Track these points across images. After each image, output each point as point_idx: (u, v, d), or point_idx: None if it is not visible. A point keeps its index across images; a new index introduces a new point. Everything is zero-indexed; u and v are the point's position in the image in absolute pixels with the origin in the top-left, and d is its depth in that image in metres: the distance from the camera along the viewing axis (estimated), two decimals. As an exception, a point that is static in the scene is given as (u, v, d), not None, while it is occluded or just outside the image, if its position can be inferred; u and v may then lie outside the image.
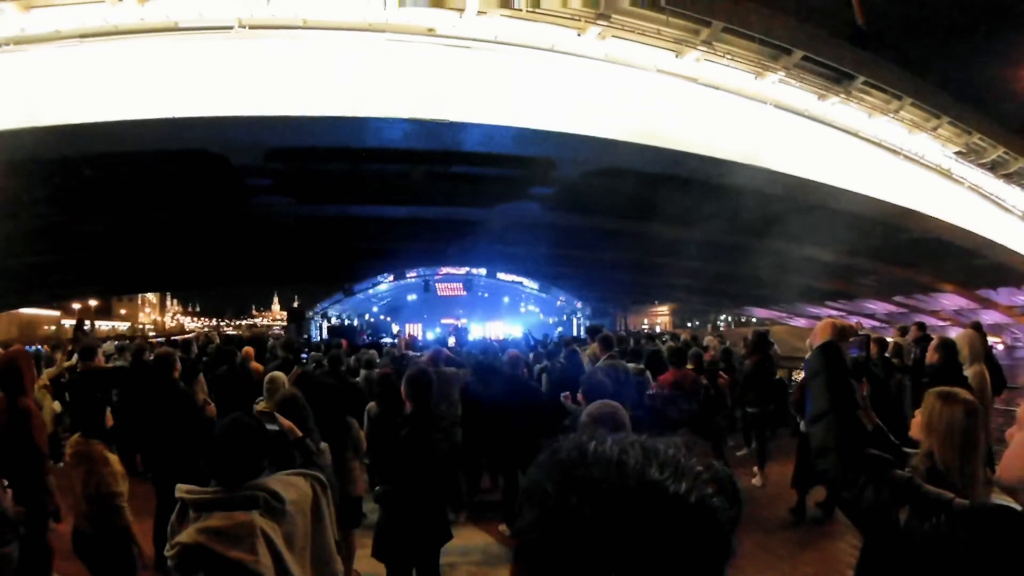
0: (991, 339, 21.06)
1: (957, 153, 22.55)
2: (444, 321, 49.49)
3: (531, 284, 57.75)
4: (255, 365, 8.96)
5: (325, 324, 42.33)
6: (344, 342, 13.21)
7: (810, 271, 27.42)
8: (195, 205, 19.65)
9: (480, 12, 13.34)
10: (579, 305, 56.25)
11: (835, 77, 17.69)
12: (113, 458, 4.38)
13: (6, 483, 3.79)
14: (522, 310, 61.73)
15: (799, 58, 16.22)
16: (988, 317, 31.63)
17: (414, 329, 47.02)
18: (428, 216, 22.51)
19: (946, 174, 22.48)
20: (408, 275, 52.74)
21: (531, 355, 11.46)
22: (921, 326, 10.04)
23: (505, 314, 57.91)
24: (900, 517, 1.96)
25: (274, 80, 13.29)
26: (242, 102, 13.22)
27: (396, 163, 18.09)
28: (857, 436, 2.18)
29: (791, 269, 27.04)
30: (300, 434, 3.74)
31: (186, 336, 19.17)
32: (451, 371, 8.14)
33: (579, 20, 14.15)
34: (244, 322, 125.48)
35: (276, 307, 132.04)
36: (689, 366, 7.59)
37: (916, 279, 30.89)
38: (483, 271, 53.57)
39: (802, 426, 7.06)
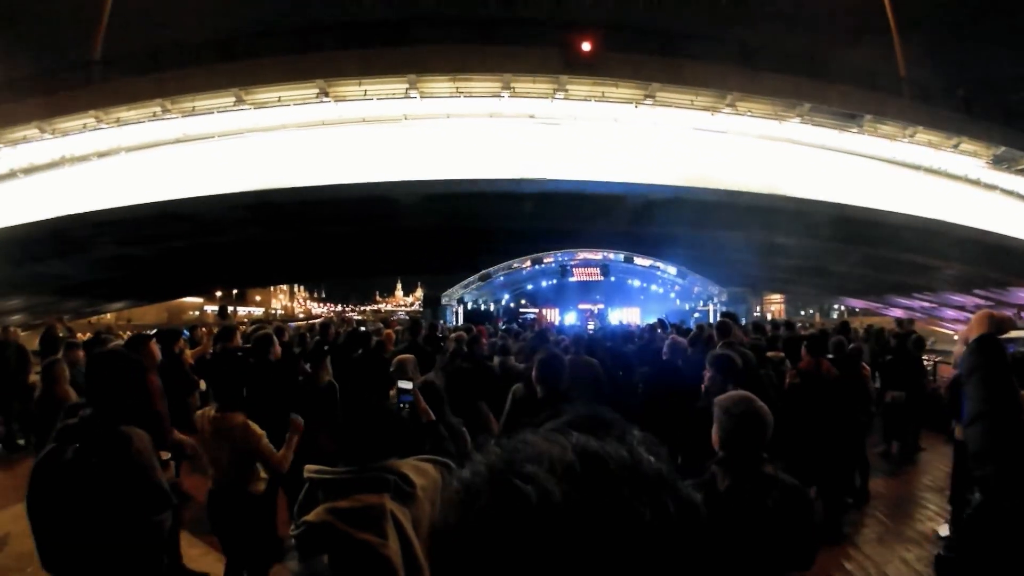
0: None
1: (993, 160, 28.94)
2: (581, 306, 51.91)
3: (669, 269, 55.53)
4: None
5: (460, 309, 43.10)
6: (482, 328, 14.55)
7: (898, 269, 34.69)
8: (367, 227, 28.79)
9: (558, 91, 21.69)
10: (716, 291, 60.48)
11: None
12: (254, 425, 4.83)
13: (168, 456, 4.13)
14: (660, 294, 58.87)
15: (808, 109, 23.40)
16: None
17: (551, 314, 48.73)
18: (567, 190, 26.25)
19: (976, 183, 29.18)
20: (545, 259, 51.32)
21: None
22: None
23: (642, 299, 57.30)
24: None
25: (426, 152, 22.00)
26: (408, 167, 22.06)
27: (506, 203, 26.42)
28: (1021, 440, 2.14)
29: (882, 269, 34.58)
30: (433, 417, 4.27)
31: (320, 320, 22.34)
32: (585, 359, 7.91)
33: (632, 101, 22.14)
34: (368, 308, 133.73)
35: (399, 293, 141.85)
36: (829, 356, 7.57)
37: (988, 275, 36.61)
38: (620, 256, 51.43)
39: (956, 431, 6.79)
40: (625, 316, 47.60)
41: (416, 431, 4.01)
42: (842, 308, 69.29)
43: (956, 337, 4.07)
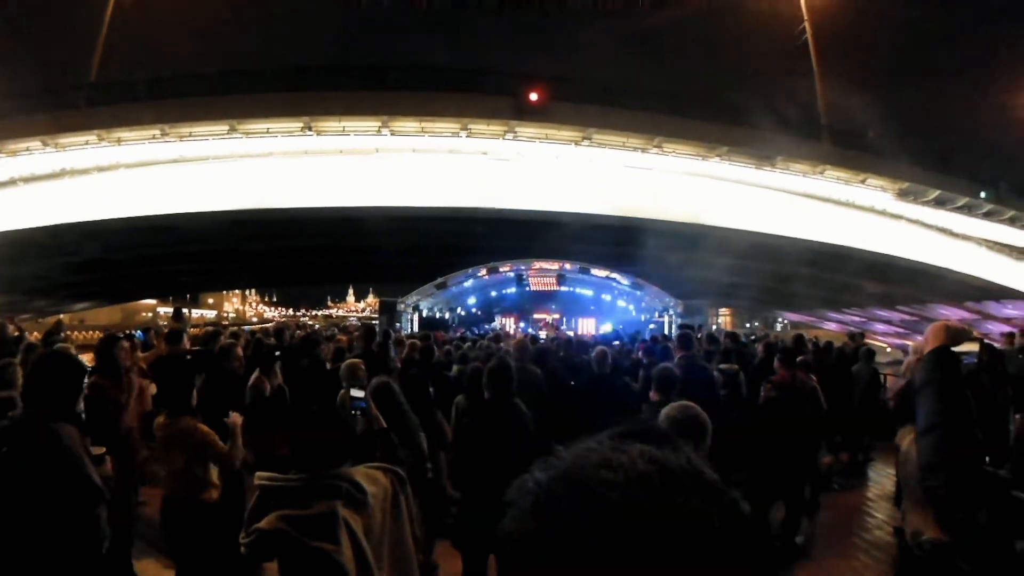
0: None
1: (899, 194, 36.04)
2: (536, 316, 53.91)
3: (624, 281, 65.56)
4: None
5: (416, 316, 43.55)
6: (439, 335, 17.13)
7: (826, 288, 42.71)
8: (338, 242, 34.92)
9: (507, 133, 28.01)
10: (671, 303, 64.79)
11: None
12: (204, 427, 5.30)
13: (104, 451, 4.14)
14: (615, 305, 68.24)
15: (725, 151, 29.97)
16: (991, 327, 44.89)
17: (507, 323, 50.18)
18: (516, 218, 32.10)
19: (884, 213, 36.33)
20: (502, 268, 52.10)
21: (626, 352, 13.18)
22: None
23: (598, 310, 58.67)
24: (1018, 546, 2.10)
25: (394, 181, 28.11)
26: (378, 194, 28.19)
27: (462, 226, 32.56)
28: (972, 453, 2.34)
29: (813, 286, 41.79)
30: (384, 424, 4.62)
31: (274, 325, 25.01)
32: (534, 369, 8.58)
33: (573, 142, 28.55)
34: (320, 313, 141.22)
35: (351, 299, 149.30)
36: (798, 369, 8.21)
37: (908, 293, 44.83)
38: (576, 266, 53.56)
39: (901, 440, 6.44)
40: (582, 326, 50.16)
41: (368, 438, 4.36)
42: (785, 321, 76.41)
43: (911, 346, 5.71)
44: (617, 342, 15.31)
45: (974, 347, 9.45)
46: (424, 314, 42.48)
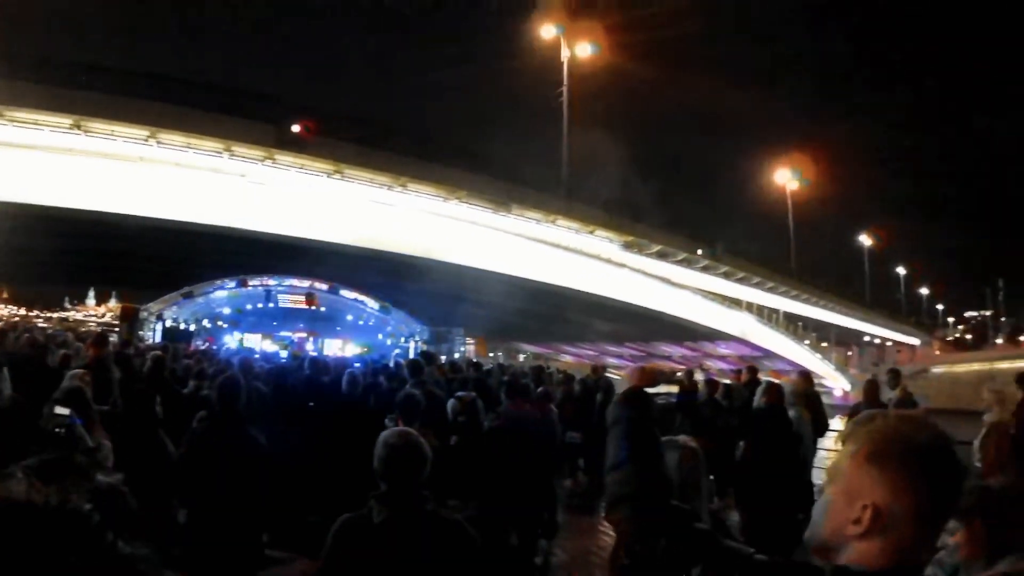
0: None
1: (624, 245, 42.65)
2: (283, 334, 55.04)
3: (373, 304, 62.55)
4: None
5: (160, 326, 44.07)
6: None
7: (565, 323, 49.82)
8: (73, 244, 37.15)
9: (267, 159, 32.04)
10: (418, 328, 62.96)
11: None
12: None
13: None
14: (366, 327, 64.25)
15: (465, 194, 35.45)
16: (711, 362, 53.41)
17: (253, 340, 50.55)
18: (269, 240, 34.50)
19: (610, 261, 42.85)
20: (251, 282, 56.23)
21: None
22: (752, 370, 12.48)
23: (347, 331, 62.13)
24: (693, 573, 2.26)
25: (156, 191, 31.44)
26: (139, 203, 31.46)
27: (217, 242, 35.34)
28: (657, 487, 2.56)
29: (554, 322, 49.06)
30: (91, 444, 4.45)
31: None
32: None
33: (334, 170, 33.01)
34: (56, 315, 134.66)
35: (91, 302, 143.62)
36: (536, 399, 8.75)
37: (633, 332, 52.23)
38: (326, 285, 58.12)
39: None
40: (328, 347, 50.82)
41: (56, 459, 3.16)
42: (528, 354, 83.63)
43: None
44: (358, 364, 14.91)
45: (674, 388, 11.72)
46: (168, 324, 43.55)
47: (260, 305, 57.44)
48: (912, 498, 1.43)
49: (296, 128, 32.32)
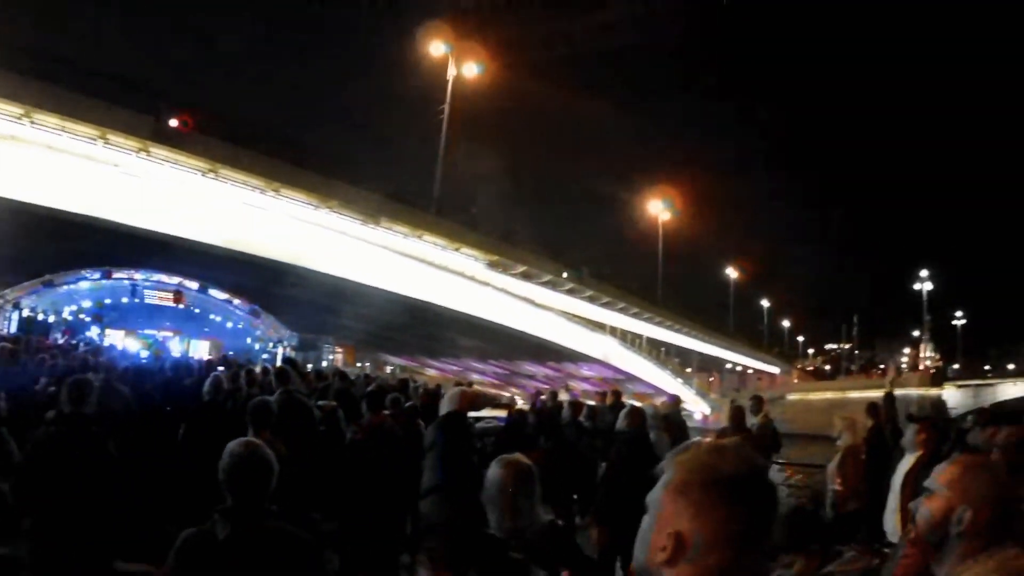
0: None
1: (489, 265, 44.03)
2: (147, 332, 55.72)
3: (243, 306, 67.37)
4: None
5: (16, 315, 43.57)
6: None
7: (430, 338, 51.41)
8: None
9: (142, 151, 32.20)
10: (287, 334, 68.04)
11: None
12: None
13: None
14: (235, 330, 69.35)
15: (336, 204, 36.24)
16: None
17: (116, 336, 50.02)
18: (136, 234, 34.27)
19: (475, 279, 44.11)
20: (116, 274, 58.19)
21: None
22: (616, 393, 12.49)
23: (215, 333, 64.88)
24: None
25: (23, 173, 31.26)
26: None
27: (81, 230, 35.74)
28: (469, 516, 2.61)
29: (419, 336, 50.57)
30: None
31: None
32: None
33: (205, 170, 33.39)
34: None
35: None
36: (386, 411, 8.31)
37: (497, 350, 53.74)
38: (196, 284, 61.54)
39: None
40: (195, 349, 52.92)
41: None
42: (395, 366, 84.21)
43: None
44: (222, 368, 14.47)
45: (502, 412, 12.72)
46: (25, 314, 42.98)
47: (125, 300, 59.11)
48: (716, 526, 1.46)
49: (174, 122, 32.25)
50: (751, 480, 1.50)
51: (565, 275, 50.44)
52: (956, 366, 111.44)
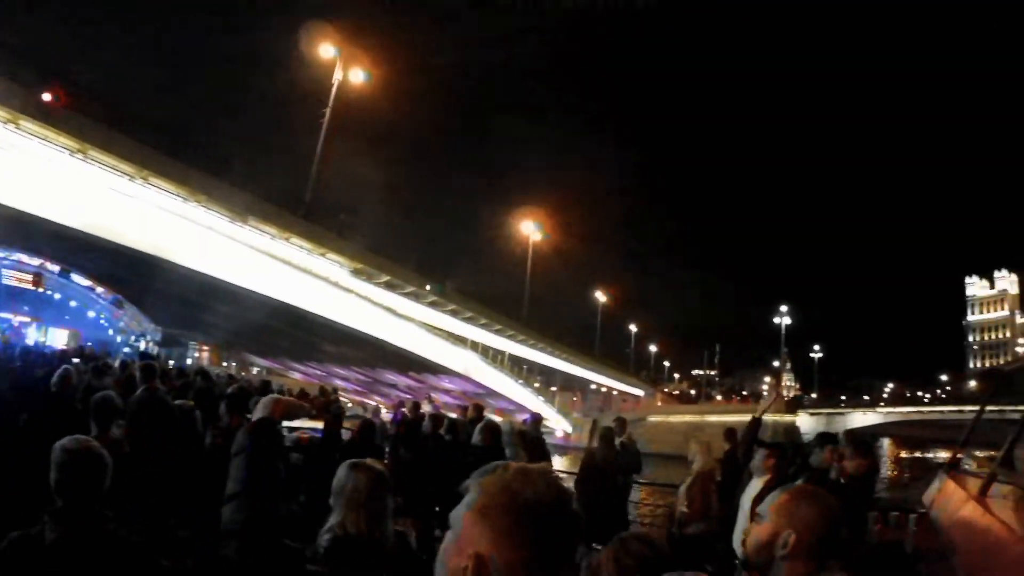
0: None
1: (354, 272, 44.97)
2: (2, 315, 55.15)
3: (107, 296, 66.68)
4: None
5: None
6: None
7: (293, 341, 51.75)
8: None
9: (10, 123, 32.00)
10: (151, 328, 67.02)
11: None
12: None
13: None
14: (96, 320, 69.13)
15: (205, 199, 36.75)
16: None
17: None
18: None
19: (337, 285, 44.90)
20: None
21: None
22: (478, 408, 12.54)
23: (75, 322, 63.48)
24: None
25: None
26: None
27: None
28: (267, 523, 2.61)
29: (283, 339, 51.25)
30: None
31: None
32: None
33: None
34: None
35: None
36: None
37: (359, 356, 54.33)
38: (57, 268, 60.69)
39: None
40: (54, 338, 51.33)
41: None
42: (261, 368, 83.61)
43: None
44: (77, 360, 14.21)
45: (319, 423, 10.66)
46: None
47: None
48: (516, 550, 1.44)
49: (47, 96, 31.51)
50: (554, 507, 1.51)
51: (428, 288, 51.73)
52: (815, 395, 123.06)
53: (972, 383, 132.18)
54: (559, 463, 43.94)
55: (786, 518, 2.29)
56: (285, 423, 4.11)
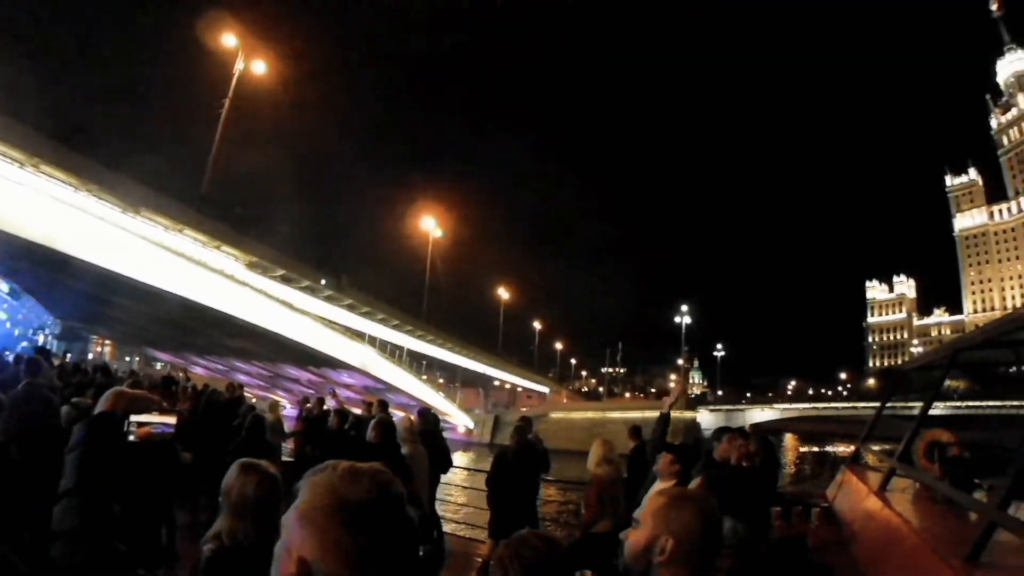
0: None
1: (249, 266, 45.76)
2: None
3: (2, 286, 66.15)
4: None
5: None
6: None
7: (193, 334, 51.85)
8: None
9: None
10: (50, 321, 66.03)
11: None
12: None
13: None
14: None
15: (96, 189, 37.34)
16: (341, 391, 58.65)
17: None
18: None
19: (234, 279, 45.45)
20: None
21: None
22: (382, 404, 12.38)
23: None
24: None
25: None
26: None
27: None
28: (100, 523, 2.47)
29: (182, 332, 51.37)
30: None
31: None
32: None
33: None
34: None
35: None
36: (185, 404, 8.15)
37: (260, 351, 54.99)
38: None
39: None
40: None
41: None
42: (165, 363, 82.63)
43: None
44: None
45: (171, 419, 11.11)
46: None
47: None
48: (339, 554, 1.39)
49: None
50: (380, 508, 1.45)
51: (324, 282, 52.59)
52: (720, 392, 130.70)
53: (871, 381, 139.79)
54: (461, 459, 45.25)
55: (663, 523, 2.27)
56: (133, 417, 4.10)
